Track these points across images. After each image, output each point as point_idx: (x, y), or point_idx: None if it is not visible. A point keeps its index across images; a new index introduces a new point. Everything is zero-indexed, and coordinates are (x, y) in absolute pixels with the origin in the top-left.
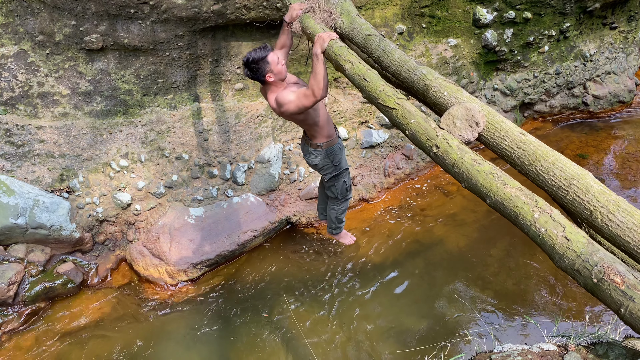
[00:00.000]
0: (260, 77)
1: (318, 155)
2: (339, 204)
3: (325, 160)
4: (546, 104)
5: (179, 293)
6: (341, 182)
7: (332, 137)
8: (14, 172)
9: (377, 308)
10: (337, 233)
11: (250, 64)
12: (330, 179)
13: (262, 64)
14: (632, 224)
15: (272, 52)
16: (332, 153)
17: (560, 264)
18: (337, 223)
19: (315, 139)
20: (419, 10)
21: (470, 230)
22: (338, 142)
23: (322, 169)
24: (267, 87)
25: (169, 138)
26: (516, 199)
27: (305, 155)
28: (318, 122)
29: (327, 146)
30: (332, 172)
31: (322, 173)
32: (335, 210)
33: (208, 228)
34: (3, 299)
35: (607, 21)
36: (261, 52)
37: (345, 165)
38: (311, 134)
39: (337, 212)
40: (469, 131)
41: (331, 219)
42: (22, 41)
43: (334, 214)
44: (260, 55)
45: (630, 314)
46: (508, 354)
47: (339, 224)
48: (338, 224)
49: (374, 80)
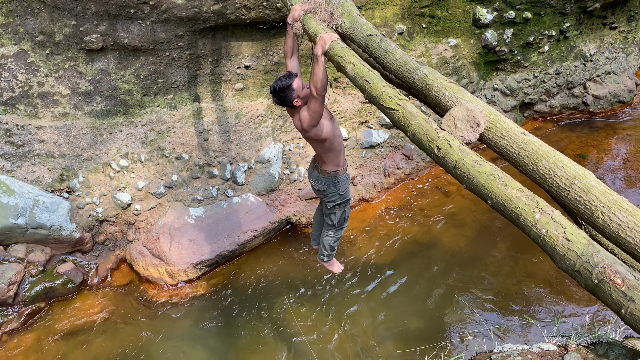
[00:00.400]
0: (288, 103)
1: (326, 183)
2: (334, 232)
3: (331, 188)
4: (546, 104)
5: (179, 293)
6: (341, 211)
7: (342, 166)
8: (14, 172)
9: (377, 308)
10: (328, 261)
11: (278, 93)
12: (333, 207)
13: (289, 92)
14: (633, 224)
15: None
16: (339, 182)
17: (561, 264)
18: (330, 250)
19: (325, 165)
20: (419, 10)
21: (470, 230)
22: (346, 173)
23: (327, 196)
24: (294, 110)
25: (169, 138)
26: (517, 200)
27: (312, 180)
28: (334, 148)
29: (336, 175)
30: (335, 201)
31: (326, 200)
32: (330, 237)
33: (208, 228)
34: (3, 299)
35: (607, 21)
36: (286, 80)
37: (349, 196)
38: (323, 161)
39: (332, 239)
40: (470, 132)
41: (324, 245)
42: (22, 41)
43: (327, 241)
44: (286, 84)
45: (630, 315)
46: (508, 354)
47: (331, 252)
48: (330, 252)
49: (375, 82)
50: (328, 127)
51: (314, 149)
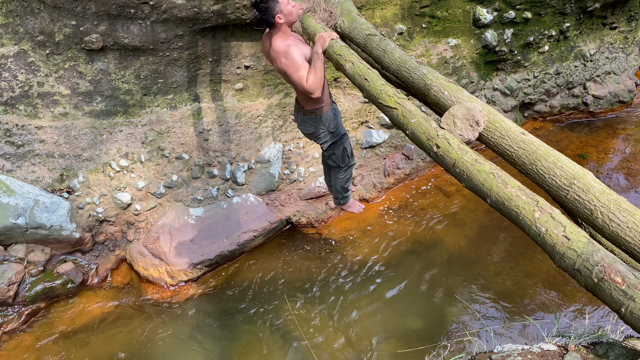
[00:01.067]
0: (270, 17)
1: (312, 123)
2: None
3: (320, 127)
4: (546, 104)
5: (179, 293)
6: (341, 148)
7: (326, 102)
8: (14, 172)
9: (377, 308)
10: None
11: (259, 3)
12: (329, 147)
13: (272, 3)
14: (632, 224)
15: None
16: (327, 119)
17: (561, 263)
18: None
19: (308, 105)
20: (419, 10)
21: (470, 230)
22: (332, 107)
23: (318, 137)
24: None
25: (169, 138)
26: (517, 198)
27: (299, 125)
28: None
29: (321, 112)
30: (329, 140)
31: (319, 142)
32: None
33: (208, 228)
34: (3, 299)
35: (607, 21)
36: None
37: (343, 130)
38: (304, 100)
39: (342, 181)
40: (469, 131)
41: (336, 189)
42: (22, 41)
43: (338, 183)
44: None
45: (630, 314)
46: (508, 354)
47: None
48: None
49: (374, 80)
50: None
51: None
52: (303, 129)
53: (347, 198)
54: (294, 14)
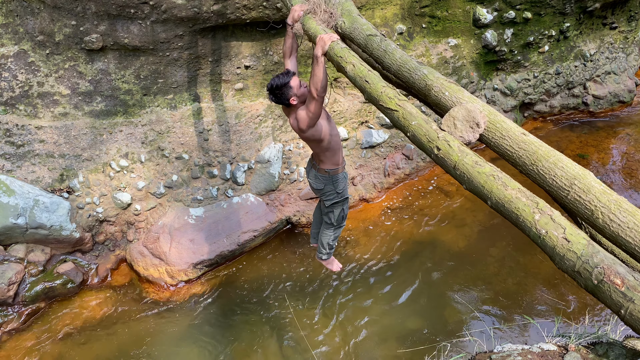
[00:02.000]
0: (285, 101)
1: (324, 181)
2: (333, 230)
3: (329, 186)
4: (546, 104)
5: (179, 293)
6: (340, 209)
7: (339, 165)
8: (14, 172)
9: (377, 308)
10: (326, 259)
11: (274, 90)
12: (331, 205)
13: (286, 90)
14: (633, 224)
15: (294, 77)
16: (337, 181)
17: (561, 265)
18: (328, 249)
19: (323, 164)
20: (419, 10)
21: (470, 231)
22: (344, 171)
23: (325, 194)
24: (291, 109)
25: (169, 138)
26: (517, 200)
27: (310, 178)
28: (331, 147)
29: (334, 173)
30: (333, 199)
31: (324, 198)
32: (328, 236)
33: (208, 228)
34: (3, 299)
35: (607, 21)
36: (284, 78)
37: (347, 194)
38: (320, 159)
39: (330, 238)
40: (470, 132)
41: (322, 244)
42: (22, 41)
43: (326, 239)
44: (283, 82)
45: (630, 315)
46: (508, 354)
47: (329, 250)
48: (329, 250)
49: (375, 82)
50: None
51: (311, 148)
52: (312, 184)
53: (329, 254)
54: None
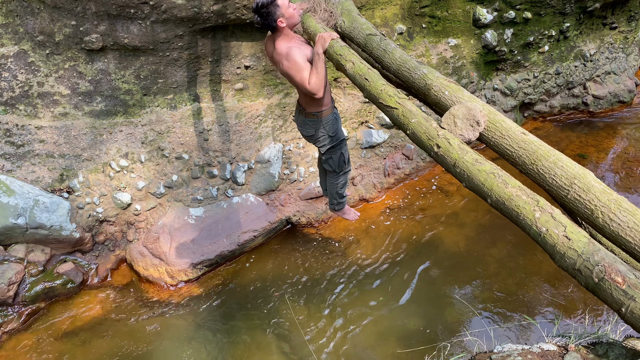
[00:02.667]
0: (272, 22)
1: (313, 125)
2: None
3: (320, 130)
4: (546, 104)
5: (179, 293)
6: (338, 153)
7: (327, 105)
8: (14, 172)
9: (377, 308)
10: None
11: (260, 9)
12: (327, 151)
13: (273, 8)
14: (633, 223)
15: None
16: (327, 122)
17: (561, 263)
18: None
19: (310, 107)
20: (419, 10)
21: (470, 230)
22: (334, 111)
23: (318, 140)
24: (276, 35)
25: (169, 138)
26: (517, 198)
27: (299, 127)
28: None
29: (323, 115)
30: (327, 144)
31: (318, 145)
32: (334, 185)
33: (208, 228)
34: (3, 299)
35: (607, 21)
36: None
37: (342, 136)
38: (306, 102)
39: (337, 186)
40: (470, 131)
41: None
42: (22, 41)
43: (333, 188)
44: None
45: (631, 314)
46: (508, 354)
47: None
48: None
49: (375, 80)
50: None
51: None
52: (303, 131)
53: (342, 204)
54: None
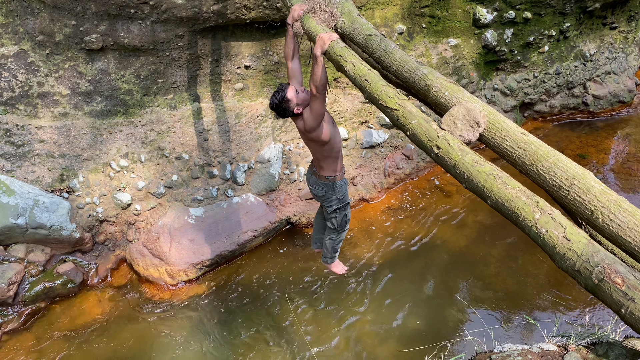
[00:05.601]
0: (290, 113)
1: (324, 188)
2: (336, 235)
3: (330, 193)
4: (546, 104)
5: (179, 293)
6: (342, 214)
7: (339, 172)
8: (14, 172)
9: (377, 308)
10: (331, 262)
11: (277, 108)
12: (333, 211)
13: (286, 104)
14: (632, 224)
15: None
16: (337, 187)
17: (561, 264)
18: (333, 253)
19: (324, 171)
20: (419, 10)
21: (470, 230)
22: (343, 178)
23: (326, 200)
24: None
25: (169, 138)
26: (517, 199)
27: (310, 186)
28: (333, 154)
29: (334, 180)
30: (335, 205)
31: (326, 205)
32: (332, 240)
33: (208, 228)
34: (3, 299)
35: (607, 21)
36: (279, 94)
37: (348, 199)
38: (321, 166)
39: (334, 242)
40: (470, 132)
41: (327, 248)
42: (22, 41)
43: (330, 244)
44: (280, 97)
45: (631, 315)
46: (508, 354)
47: (334, 254)
48: (333, 254)
49: (375, 81)
50: (328, 130)
51: (312, 153)
52: (314, 190)
53: (334, 258)
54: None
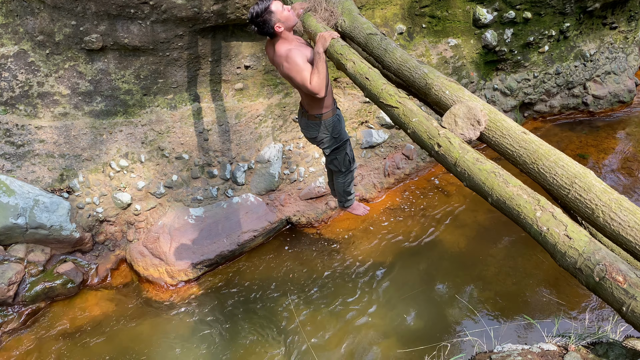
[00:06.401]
0: (270, 29)
1: (316, 128)
2: (344, 177)
3: (324, 132)
4: (546, 104)
5: (179, 293)
6: (343, 154)
7: (330, 107)
8: (14, 172)
9: (377, 308)
10: (349, 206)
11: (255, 19)
12: (331, 152)
13: (268, 15)
14: (633, 223)
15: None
16: (330, 124)
17: (562, 262)
18: (347, 196)
19: (313, 109)
20: (419, 10)
21: (470, 230)
22: (337, 112)
23: (321, 142)
24: (275, 40)
25: (169, 138)
26: (518, 197)
27: (303, 129)
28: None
29: (326, 117)
30: (332, 145)
31: (322, 147)
32: (342, 183)
33: (208, 228)
34: (3, 299)
35: (607, 21)
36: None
37: (346, 136)
38: (309, 104)
39: (344, 185)
40: (470, 130)
41: (339, 192)
42: (22, 41)
43: (341, 187)
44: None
45: (632, 313)
46: (508, 354)
47: (348, 197)
48: (347, 197)
49: (375, 79)
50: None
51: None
52: (306, 133)
53: (351, 201)
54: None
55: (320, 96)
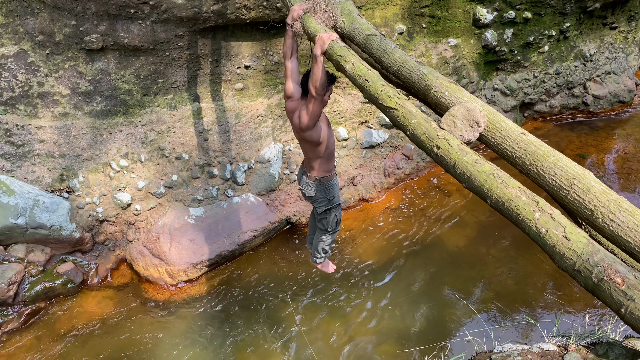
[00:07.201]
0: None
1: (315, 188)
2: (326, 236)
3: (320, 194)
4: (546, 104)
5: (179, 293)
6: (332, 216)
7: (330, 172)
8: (14, 172)
9: (378, 308)
10: (320, 262)
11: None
12: (323, 212)
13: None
14: (632, 224)
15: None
16: (328, 188)
17: (561, 264)
18: (322, 253)
19: (314, 171)
20: (419, 10)
21: (470, 230)
22: (334, 178)
23: (317, 201)
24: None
25: (169, 138)
26: (517, 199)
27: (301, 186)
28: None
29: (325, 180)
30: (325, 206)
31: (316, 205)
32: (322, 241)
33: (208, 228)
34: (3, 299)
35: (607, 21)
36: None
37: (339, 200)
38: (312, 166)
39: (324, 243)
40: (469, 131)
41: (317, 248)
42: (22, 41)
43: (320, 244)
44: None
45: (630, 314)
46: (508, 354)
47: (323, 254)
48: (323, 254)
49: (374, 81)
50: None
51: (304, 153)
52: (304, 191)
53: (324, 258)
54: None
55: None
